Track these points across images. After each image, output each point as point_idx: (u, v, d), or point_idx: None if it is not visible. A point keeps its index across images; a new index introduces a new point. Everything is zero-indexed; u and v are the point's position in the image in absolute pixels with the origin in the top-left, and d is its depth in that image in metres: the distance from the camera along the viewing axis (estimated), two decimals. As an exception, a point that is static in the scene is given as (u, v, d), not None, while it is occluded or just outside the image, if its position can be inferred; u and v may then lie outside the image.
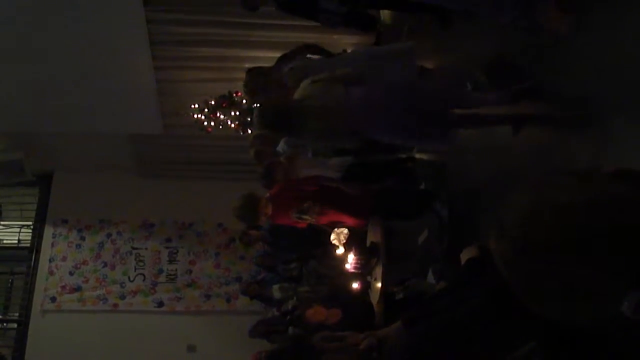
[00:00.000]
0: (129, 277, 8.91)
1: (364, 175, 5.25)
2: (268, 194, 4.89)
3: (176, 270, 8.97)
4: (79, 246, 9.02)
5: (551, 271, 1.00)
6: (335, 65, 4.27)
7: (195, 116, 7.47)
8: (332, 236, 4.71)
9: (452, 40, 4.85)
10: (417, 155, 5.43)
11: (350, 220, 4.84)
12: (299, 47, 5.82)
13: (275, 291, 6.73)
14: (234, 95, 7.29)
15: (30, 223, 9.28)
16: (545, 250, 1.00)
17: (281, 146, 5.60)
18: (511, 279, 1.06)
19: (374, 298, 4.63)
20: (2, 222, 9.57)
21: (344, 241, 4.71)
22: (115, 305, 8.79)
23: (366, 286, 4.86)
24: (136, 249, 9.05)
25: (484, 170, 4.17)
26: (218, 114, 7.34)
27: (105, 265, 8.96)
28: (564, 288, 1.00)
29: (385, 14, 6.41)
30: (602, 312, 0.99)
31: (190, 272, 8.96)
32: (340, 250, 4.73)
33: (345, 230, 4.75)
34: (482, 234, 3.85)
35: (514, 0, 3.24)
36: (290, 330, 5.93)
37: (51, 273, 8.86)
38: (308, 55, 5.42)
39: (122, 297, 8.82)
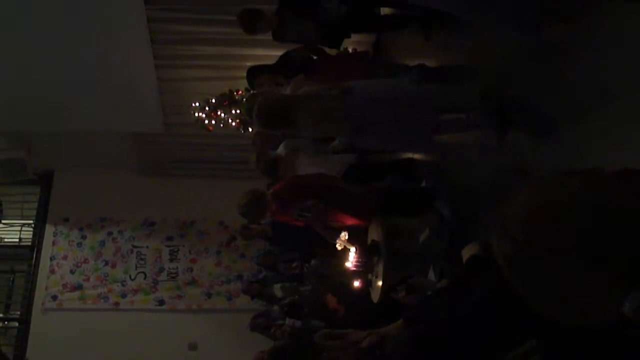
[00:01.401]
0: (130, 276, 8.92)
1: (365, 174, 5.26)
2: (272, 190, 4.89)
3: (177, 268, 8.98)
4: (80, 245, 9.03)
5: (552, 271, 1.00)
6: None
7: (196, 114, 7.48)
8: (337, 242, 4.73)
9: (453, 39, 4.85)
10: (417, 155, 5.44)
11: (352, 219, 4.84)
12: (303, 46, 5.82)
13: (277, 290, 6.74)
14: (235, 93, 7.29)
15: (31, 222, 9.29)
16: (546, 250, 1.00)
17: (281, 150, 5.61)
18: (513, 279, 1.06)
19: (375, 296, 4.63)
20: (3, 221, 9.57)
21: (346, 241, 4.72)
22: (117, 303, 8.80)
23: (367, 284, 4.87)
24: (137, 247, 9.06)
25: (484, 168, 4.18)
26: (219, 113, 7.34)
27: (107, 263, 8.97)
28: (565, 288, 1.00)
29: (385, 12, 6.39)
30: (603, 313, 0.99)
31: (192, 270, 8.97)
32: (352, 250, 4.74)
33: (345, 233, 4.75)
34: (484, 232, 3.86)
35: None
36: (287, 321, 5.95)
37: (52, 271, 8.87)
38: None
39: (123, 296, 8.83)
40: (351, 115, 3.72)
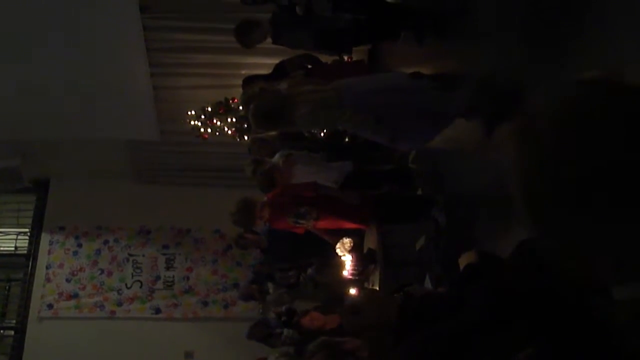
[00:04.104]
0: (126, 284, 8.89)
1: (362, 182, 5.26)
2: (266, 198, 4.90)
3: (173, 276, 8.95)
4: (75, 253, 9.00)
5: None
6: None
7: (192, 122, 7.47)
8: (337, 246, 4.73)
9: (447, 47, 4.87)
10: (412, 165, 5.44)
11: (347, 226, 4.85)
12: (297, 56, 5.84)
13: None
14: (231, 101, 7.29)
15: (27, 230, 9.25)
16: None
17: (277, 159, 5.62)
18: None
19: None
20: (-2, 229, 9.54)
21: (349, 250, 4.73)
22: (113, 312, 8.77)
23: (364, 292, 4.87)
24: (133, 255, 9.03)
25: (481, 177, 4.18)
26: (214, 121, 7.34)
27: (102, 272, 8.93)
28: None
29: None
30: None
31: (188, 278, 8.94)
32: (347, 258, 4.74)
33: (350, 241, 4.76)
34: (480, 240, 3.86)
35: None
36: (285, 331, 5.92)
37: (48, 280, 8.83)
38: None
39: (119, 304, 8.79)
40: (347, 103, 3.74)
